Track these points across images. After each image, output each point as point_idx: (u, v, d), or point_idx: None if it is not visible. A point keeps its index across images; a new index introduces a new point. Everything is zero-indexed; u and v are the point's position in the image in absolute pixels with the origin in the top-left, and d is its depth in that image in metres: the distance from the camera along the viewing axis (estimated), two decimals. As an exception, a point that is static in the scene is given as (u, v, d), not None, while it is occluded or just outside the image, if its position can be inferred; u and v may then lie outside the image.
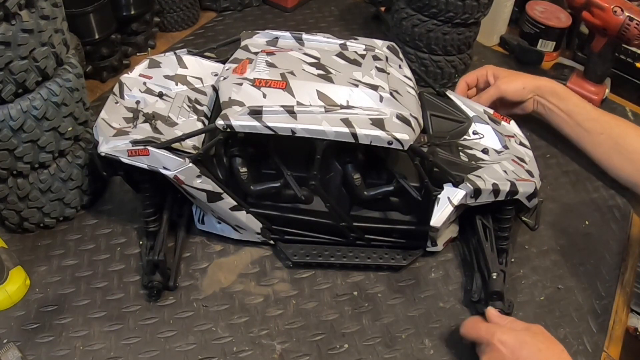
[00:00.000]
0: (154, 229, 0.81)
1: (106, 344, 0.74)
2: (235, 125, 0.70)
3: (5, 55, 0.66)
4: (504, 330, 0.69)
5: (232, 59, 0.80)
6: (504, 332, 0.68)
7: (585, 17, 1.04)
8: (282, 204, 0.81)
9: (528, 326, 0.70)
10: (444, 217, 0.77)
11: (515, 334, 0.68)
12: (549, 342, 0.68)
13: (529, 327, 0.70)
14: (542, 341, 0.68)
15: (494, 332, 0.69)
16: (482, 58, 1.27)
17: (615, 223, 0.96)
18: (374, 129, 0.70)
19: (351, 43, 0.83)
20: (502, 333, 0.68)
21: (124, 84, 0.82)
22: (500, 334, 0.68)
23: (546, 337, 0.69)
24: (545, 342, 0.68)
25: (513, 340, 0.67)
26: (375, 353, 0.75)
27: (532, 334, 0.68)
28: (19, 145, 0.73)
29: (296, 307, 0.80)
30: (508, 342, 0.67)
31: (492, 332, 0.69)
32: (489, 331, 0.69)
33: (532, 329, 0.70)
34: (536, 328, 0.70)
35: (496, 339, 0.68)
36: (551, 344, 0.68)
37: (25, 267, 0.79)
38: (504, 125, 0.92)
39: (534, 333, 0.69)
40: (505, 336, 0.68)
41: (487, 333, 0.69)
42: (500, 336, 0.68)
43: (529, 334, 0.68)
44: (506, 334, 0.68)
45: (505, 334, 0.68)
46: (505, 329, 0.69)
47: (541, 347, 0.67)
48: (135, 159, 0.74)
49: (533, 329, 0.70)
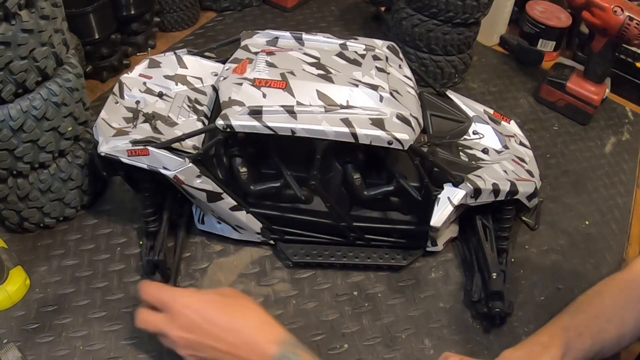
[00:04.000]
0: (154, 229, 0.81)
1: (106, 344, 0.74)
2: (235, 125, 0.70)
3: (5, 55, 0.66)
4: (187, 294, 0.65)
5: (232, 59, 0.80)
6: (187, 295, 0.65)
7: (585, 17, 1.04)
8: (282, 204, 0.81)
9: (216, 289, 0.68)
10: (444, 217, 0.77)
11: (199, 294, 0.65)
12: (237, 296, 0.66)
13: (217, 289, 0.68)
14: (230, 295, 0.65)
15: (178, 296, 0.64)
16: (482, 58, 1.28)
17: (615, 223, 0.96)
18: (374, 129, 0.70)
19: (351, 43, 0.83)
20: (186, 296, 0.64)
21: (124, 84, 0.82)
22: (184, 297, 0.64)
23: (234, 293, 0.66)
24: (233, 297, 0.65)
25: (197, 302, 0.63)
26: (375, 353, 0.75)
27: (218, 292, 0.66)
28: (19, 145, 0.73)
29: (296, 307, 0.80)
30: (191, 304, 0.63)
31: (176, 296, 0.64)
32: (174, 295, 0.65)
33: (220, 290, 0.67)
34: (224, 289, 0.68)
35: (179, 302, 0.63)
36: (238, 297, 0.66)
37: (25, 267, 0.79)
38: (504, 125, 0.92)
39: (221, 292, 0.66)
40: (188, 299, 0.64)
41: (171, 297, 0.64)
42: (183, 299, 0.64)
43: (213, 292, 0.66)
44: (189, 297, 0.64)
45: (188, 297, 0.64)
46: (188, 292, 0.66)
47: (228, 301, 0.64)
48: (135, 159, 0.74)
49: (220, 289, 0.67)
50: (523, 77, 1.24)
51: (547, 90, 1.16)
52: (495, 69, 1.26)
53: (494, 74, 1.24)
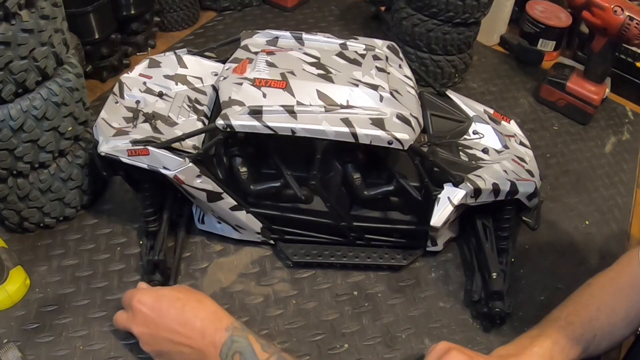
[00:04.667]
0: (154, 228, 0.81)
1: (106, 344, 0.74)
2: (235, 125, 0.70)
3: (5, 55, 0.66)
4: (143, 292, 0.69)
5: (232, 58, 0.80)
6: (142, 293, 0.68)
7: (585, 17, 1.04)
8: (282, 204, 0.81)
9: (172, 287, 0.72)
10: (444, 217, 0.77)
11: (153, 291, 0.69)
12: (189, 291, 0.69)
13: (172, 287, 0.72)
14: (181, 291, 0.68)
15: (133, 295, 0.69)
16: (482, 58, 1.28)
17: (615, 223, 0.96)
18: (374, 129, 0.70)
19: (351, 43, 0.83)
20: (141, 294, 0.68)
21: (124, 84, 0.82)
22: (139, 295, 0.68)
23: (187, 289, 0.70)
24: (184, 292, 0.68)
25: (151, 298, 0.67)
26: (375, 353, 0.75)
27: (171, 288, 0.70)
28: (19, 145, 0.73)
29: (296, 307, 0.80)
30: (146, 301, 0.67)
31: (133, 295, 0.68)
32: (133, 295, 0.69)
33: (175, 287, 0.71)
34: (179, 287, 0.72)
35: (135, 300, 0.68)
36: (189, 292, 0.69)
37: (25, 267, 0.79)
38: (504, 125, 0.92)
39: (174, 288, 0.70)
40: (144, 296, 0.68)
41: (131, 297, 0.69)
42: (139, 297, 0.68)
43: (167, 289, 0.70)
44: (145, 294, 0.68)
45: (144, 294, 0.68)
46: (144, 290, 0.70)
47: (179, 295, 0.67)
48: (135, 159, 0.74)
49: (175, 287, 0.72)
50: (523, 77, 1.24)
51: (547, 90, 1.16)
52: (495, 69, 1.26)
53: (494, 74, 1.24)
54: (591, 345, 0.69)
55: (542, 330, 0.69)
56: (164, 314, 0.66)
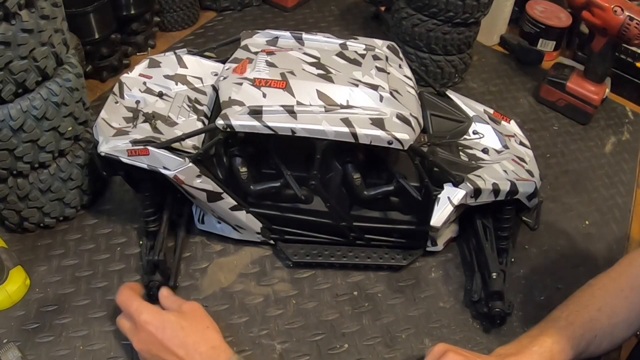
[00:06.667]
0: (154, 228, 0.81)
1: (106, 344, 0.74)
2: (235, 125, 0.70)
3: (5, 55, 0.66)
4: (150, 311, 0.69)
5: (232, 58, 0.80)
6: (149, 313, 0.68)
7: (585, 17, 1.04)
8: (282, 204, 0.81)
9: (181, 304, 0.71)
10: (444, 217, 0.77)
11: (160, 315, 0.68)
12: (194, 319, 0.69)
13: (181, 305, 0.71)
14: (186, 319, 0.68)
15: (142, 312, 0.68)
16: (482, 58, 1.28)
17: (615, 223, 0.96)
18: (374, 129, 0.70)
19: (351, 43, 0.83)
20: (148, 313, 0.68)
21: (124, 84, 0.82)
22: (146, 315, 0.68)
23: (194, 315, 0.69)
24: (189, 320, 0.68)
25: (157, 321, 0.67)
26: (375, 353, 0.75)
27: (177, 313, 0.69)
28: (19, 145, 0.73)
29: (296, 307, 0.80)
30: (152, 322, 0.67)
31: (140, 311, 0.68)
32: (138, 309, 0.69)
33: (183, 308, 0.70)
34: (187, 306, 0.70)
35: (142, 318, 0.68)
36: (195, 321, 0.69)
37: (25, 267, 0.79)
38: (504, 125, 0.92)
39: (179, 312, 0.69)
40: (150, 317, 0.68)
41: (136, 311, 0.69)
42: (145, 317, 0.68)
43: (173, 314, 0.69)
44: (151, 315, 0.68)
45: (150, 315, 0.68)
46: (152, 310, 0.69)
47: (184, 324, 0.67)
48: (135, 159, 0.74)
49: (184, 307, 0.70)
50: (523, 77, 1.24)
51: (547, 90, 1.16)
52: (495, 69, 1.26)
53: (494, 74, 1.24)
54: (592, 345, 0.69)
55: (543, 330, 0.69)
56: (166, 341, 0.66)
